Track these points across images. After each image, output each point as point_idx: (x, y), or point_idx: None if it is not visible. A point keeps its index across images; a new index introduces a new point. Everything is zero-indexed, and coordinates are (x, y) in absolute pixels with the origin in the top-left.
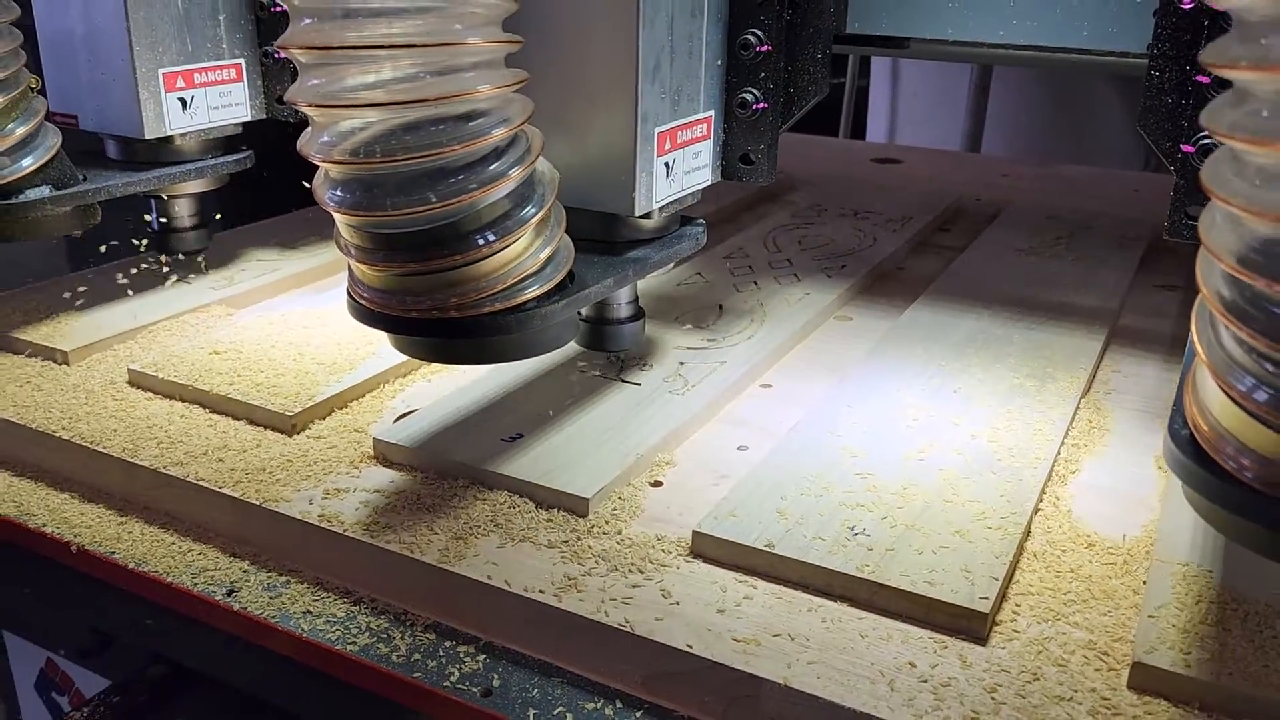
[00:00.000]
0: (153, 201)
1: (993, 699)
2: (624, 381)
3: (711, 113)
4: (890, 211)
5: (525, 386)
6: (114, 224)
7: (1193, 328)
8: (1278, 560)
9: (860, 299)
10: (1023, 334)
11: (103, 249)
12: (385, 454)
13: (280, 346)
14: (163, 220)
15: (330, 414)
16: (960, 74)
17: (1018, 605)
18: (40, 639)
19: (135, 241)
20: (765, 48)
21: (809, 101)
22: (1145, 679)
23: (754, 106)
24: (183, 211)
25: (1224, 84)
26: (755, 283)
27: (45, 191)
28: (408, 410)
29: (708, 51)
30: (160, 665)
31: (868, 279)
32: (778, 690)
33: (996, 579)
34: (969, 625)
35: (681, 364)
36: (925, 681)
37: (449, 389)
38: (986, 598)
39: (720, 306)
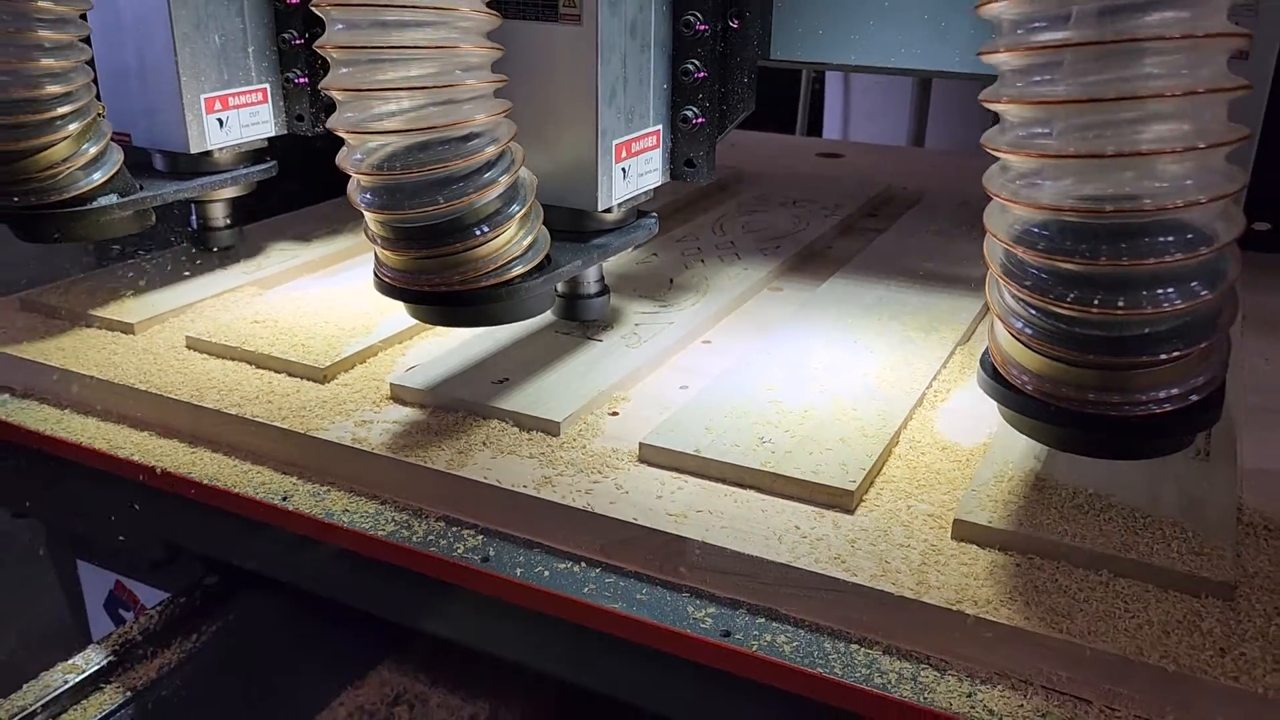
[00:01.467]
0: (193, 205)
1: (851, 546)
2: (589, 339)
3: (660, 126)
4: (825, 200)
5: (510, 344)
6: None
7: (986, 290)
8: (1049, 444)
9: (791, 273)
10: (919, 297)
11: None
12: (400, 395)
13: (308, 316)
14: (202, 221)
15: (354, 367)
16: None
17: (881, 490)
18: (111, 563)
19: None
20: (702, 74)
21: (739, 116)
22: (962, 531)
23: (694, 121)
24: (218, 213)
25: None
26: (702, 261)
27: (113, 199)
28: (416, 363)
29: (655, 78)
30: (212, 575)
31: (798, 257)
32: (698, 546)
33: (864, 469)
34: (841, 501)
35: (637, 325)
36: (805, 537)
37: (449, 347)
38: (854, 480)
39: (671, 280)
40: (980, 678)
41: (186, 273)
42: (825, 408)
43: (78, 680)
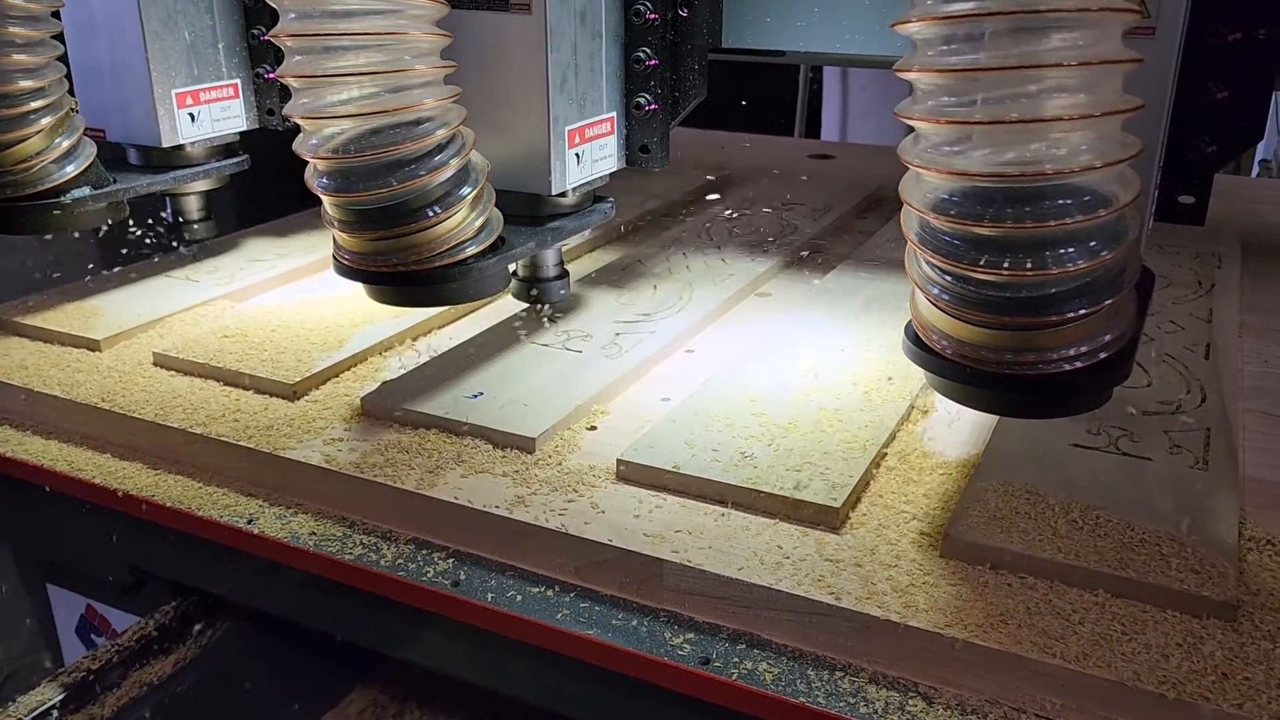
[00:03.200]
0: (168, 199)
1: (836, 566)
2: (568, 350)
3: (613, 113)
4: (815, 202)
5: (485, 357)
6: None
7: (907, 262)
8: (973, 406)
9: (778, 278)
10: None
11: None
12: (371, 411)
13: (279, 330)
14: (176, 215)
15: (324, 383)
16: None
17: (868, 506)
18: (81, 587)
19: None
20: (654, 62)
21: (691, 103)
22: (952, 549)
23: (647, 108)
24: (192, 207)
25: None
26: (688, 266)
27: (86, 191)
28: (389, 378)
29: (607, 66)
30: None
31: (786, 261)
32: (675, 568)
33: (849, 484)
34: (826, 518)
35: (618, 334)
36: (788, 558)
37: (423, 360)
38: (839, 497)
39: (655, 287)
40: (971, 706)
41: (156, 287)
42: (810, 419)
43: (42, 709)
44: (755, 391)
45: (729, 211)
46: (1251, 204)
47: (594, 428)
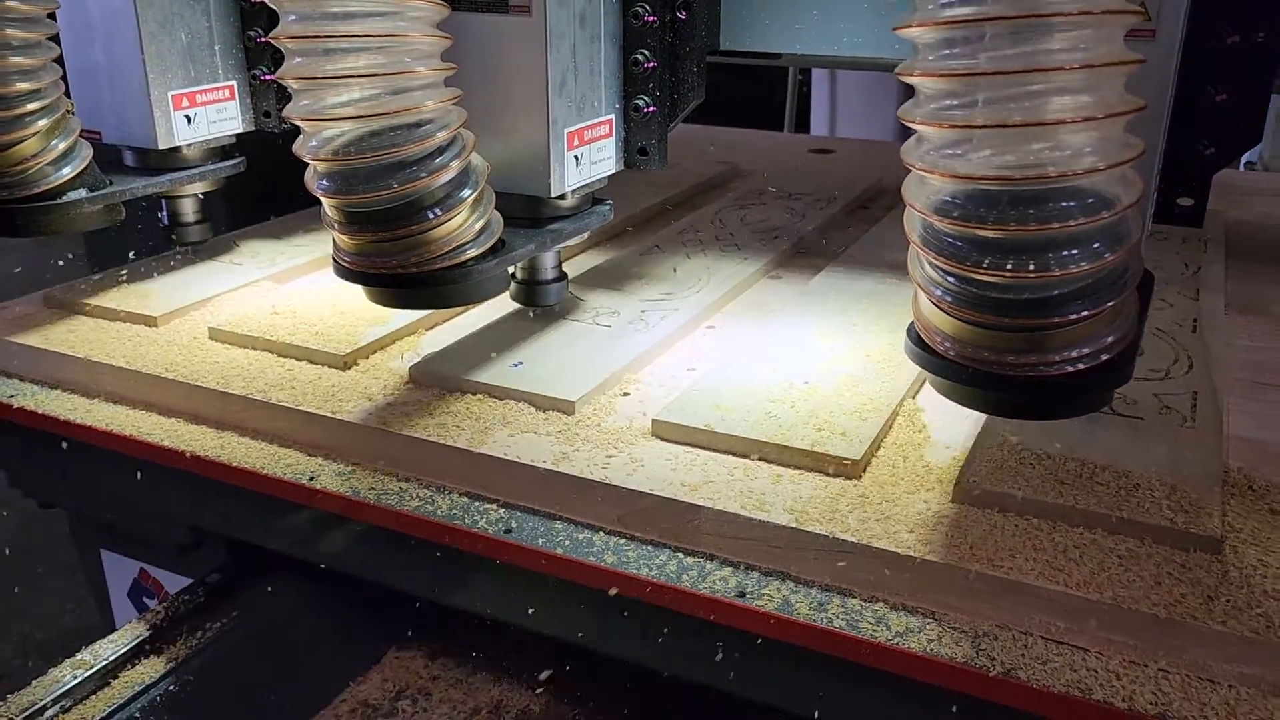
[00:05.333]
0: (163, 202)
1: (857, 510)
2: (598, 325)
3: (612, 116)
4: (819, 193)
5: (523, 331)
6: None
7: (909, 264)
8: (974, 407)
9: (789, 263)
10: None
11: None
12: (420, 379)
13: (325, 307)
14: (172, 217)
15: (372, 354)
16: None
17: (883, 458)
18: (135, 551)
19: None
20: (652, 64)
21: (689, 105)
22: (963, 495)
23: (645, 110)
24: (188, 209)
25: None
26: (704, 252)
27: (82, 193)
28: (433, 349)
29: (606, 68)
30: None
31: (796, 247)
32: (711, 513)
33: (867, 439)
34: (846, 469)
35: (643, 312)
36: (814, 503)
37: (464, 334)
38: (859, 450)
39: (675, 269)
40: (982, 630)
41: (204, 269)
42: (828, 385)
43: (86, 675)
44: (774, 362)
45: (739, 201)
46: (1240, 195)
47: (627, 394)
